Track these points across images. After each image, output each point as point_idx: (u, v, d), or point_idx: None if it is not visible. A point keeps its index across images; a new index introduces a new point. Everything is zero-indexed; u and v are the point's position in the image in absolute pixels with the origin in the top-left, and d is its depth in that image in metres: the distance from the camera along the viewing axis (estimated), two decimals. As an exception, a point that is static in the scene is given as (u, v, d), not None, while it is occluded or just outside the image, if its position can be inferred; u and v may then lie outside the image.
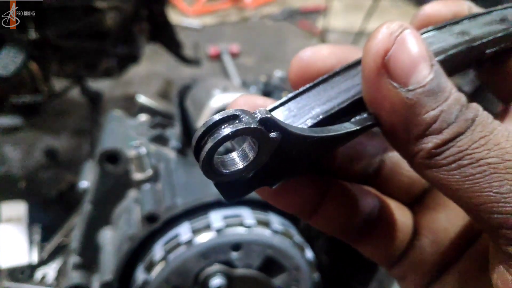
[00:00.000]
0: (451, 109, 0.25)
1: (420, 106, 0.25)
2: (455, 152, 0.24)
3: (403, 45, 0.25)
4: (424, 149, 0.25)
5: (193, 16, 4.17)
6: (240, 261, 0.90)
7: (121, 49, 1.76)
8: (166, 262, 0.88)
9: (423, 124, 0.25)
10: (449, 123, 0.24)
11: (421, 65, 0.25)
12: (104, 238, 1.05)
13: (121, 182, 1.02)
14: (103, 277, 0.96)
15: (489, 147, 0.24)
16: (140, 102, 1.27)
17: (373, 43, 0.26)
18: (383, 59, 0.25)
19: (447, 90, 0.25)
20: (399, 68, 0.25)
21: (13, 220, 1.79)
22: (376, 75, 0.26)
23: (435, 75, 0.25)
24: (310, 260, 0.96)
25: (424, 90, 0.25)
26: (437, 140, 0.24)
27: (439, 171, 0.25)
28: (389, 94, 0.25)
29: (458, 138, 0.24)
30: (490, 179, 0.24)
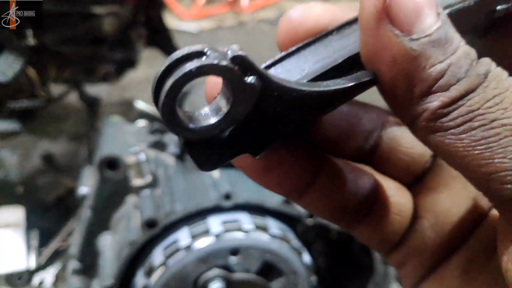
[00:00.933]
0: (461, 63, 0.21)
1: (425, 57, 0.21)
2: (465, 112, 0.21)
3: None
4: (428, 109, 0.22)
5: (190, 21, 4.18)
6: (238, 266, 0.91)
7: (118, 54, 1.77)
8: (165, 267, 0.89)
9: (428, 79, 0.21)
10: (459, 78, 0.21)
11: (427, 11, 0.22)
12: (103, 244, 1.06)
13: (120, 188, 1.03)
14: (103, 282, 0.97)
15: (504, 106, 0.21)
16: (138, 108, 1.28)
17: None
18: (384, 2, 0.22)
19: (455, 41, 0.22)
20: (403, 13, 0.22)
21: (10, 225, 1.79)
22: (376, 21, 0.22)
23: (442, 24, 0.22)
24: (308, 264, 0.98)
25: (430, 39, 0.21)
26: (444, 98, 0.21)
27: (445, 134, 0.22)
28: (390, 43, 0.22)
29: (469, 96, 0.21)
30: (505, 143, 0.20)
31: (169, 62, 0.20)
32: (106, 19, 1.67)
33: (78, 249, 1.12)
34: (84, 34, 1.72)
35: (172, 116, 0.20)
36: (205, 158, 0.23)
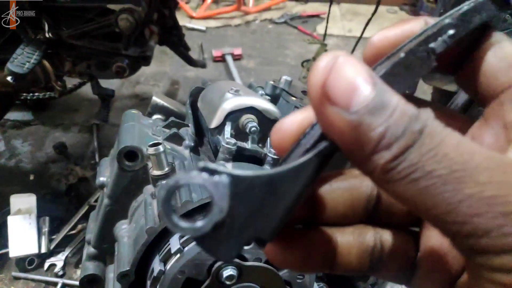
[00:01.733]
0: (398, 123, 0.25)
1: (365, 125, 0.25)
2: (407, 166, 0.24)
3: (339, 72, 0.26)
4: (378, 166, 0.25)
5: (198, 20, 4.24)
6: (250, 254, 0.97)
7: (133, 50, 1.82)
8: (181, 254, 0.94)
9: (372, 141, 0.25)
10: (397, 137, 0.25)
11: (361, 86, 0.25)
12: (120, 231, 1.11)
13: (139, 177, 1.08)
14: (120, 268, 1.01)
15: (437, 159, 0.24)
16: (156, 102, 1.33)
17: (313, 77, 0.27)
18: (322, 89, 0.26)
19: (391, 104, 0.25)
20: (338, 93, 0.26)
21: (23, 212, 1.85)
22: (320, 104, 0.27)
23: (377, 93, 0.25)
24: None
25: (367, 109, 0.25)
26: (387, 155, 0.25)
27: (395, 185, 0.25)
28: (334, 119, 0.26)
29: (407, 151, 0.24)
30: (442, 191, 0.24)
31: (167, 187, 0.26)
32: (122, 16, 1.71)
33: (95, 236, 1.17)
34: (99, 29, 1.77)
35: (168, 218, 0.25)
36: (217, 248, 0.28)
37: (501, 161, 0.25)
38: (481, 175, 0.24)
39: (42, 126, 2.51)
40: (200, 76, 3.05)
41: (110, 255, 1.18)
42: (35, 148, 2.36)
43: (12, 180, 2.14)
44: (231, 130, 1.15)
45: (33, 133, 2.45)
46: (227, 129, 1.15)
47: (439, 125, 0.25)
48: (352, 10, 4.76)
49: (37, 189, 2.02)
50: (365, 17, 2.50)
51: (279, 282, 1.02)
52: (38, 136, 2.43)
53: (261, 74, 3.28)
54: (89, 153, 2.34)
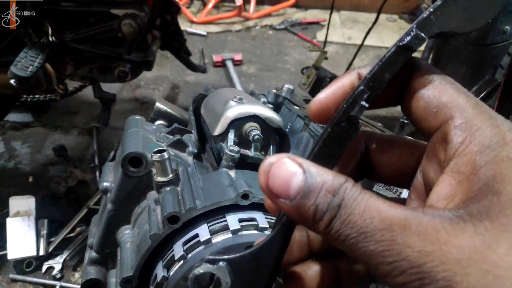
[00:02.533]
0: (323, 201, 0.35)
1: (302, 207, 0.35)
2: (334, 232, 0.35)
3: (274, 174, 0.36)
4: (319, 231, 0.36)
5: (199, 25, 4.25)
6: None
7: (135, 55, 1.82)
8: (185, 261, 0.95)
9: (309, 217, 0.35)
10: (324, 212, 0.34)
11: (293, 179, 0.35)
12: (123, 236, 1.12)
13: (142, 183, 1.09)
14: (123, 273, 1.02)
15: (350, 225, 0.34)
16: (159, 107, 1.34)
17: (259, 179, 0.37)
18: (266, 187, 0.37)
19: (318, 187, 0.35)
20: (277, 190, 0.36)
21: (21, 214, 1.84)
22: (270, 198, 0.37)
23: (306, 180, 0.35)
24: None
25: (300, 195, 0.35)
26: (322, 225, 0.35)
27: (334, 242, 0.35)
28: (282, 206, 0.36)
29: (332, 222, 0.34)
30: (358, 247, 0.34)
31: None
32: (125, 21, 1.72)
33: (97, 240, 1.17)
34: (102, 34, 1.78)
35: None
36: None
37: (390, 222, 0.33)
38: (376, 235, 0.33)
39: (42, 128, 2.51)
40: (200, 80, 3.06)
41: (112, 259, 1.18)
42: (35, 150, 2.35)
43: (11, 181, 2.14)
44: (234, 138, 1.16)
45: (32, 135, 2.45)
46: (230, 136, 1.16)
47: (353, 194, 0.35)
48: (352, 17, 4.80)
49: (36, 191, 2.02)
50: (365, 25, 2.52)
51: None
52: (38, 138, 2.43)
53: (261, 80, 3.29)
54: (88, 156, 2.34)
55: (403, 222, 0.33)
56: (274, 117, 1.18)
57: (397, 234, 0.33)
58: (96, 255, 1.18)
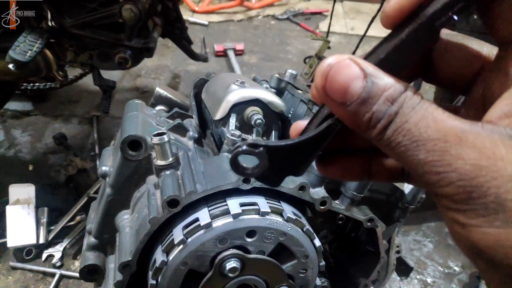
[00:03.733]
0: (381, 108, 0.34)
1: (357, 113, 0.35)
2: (386, 138, 0.34)
3: (333, 77, 0.35)
4: (371, 136, 0.35)
5: (200, 14, 4.21)
6: (254, 247, 0.96)
7: (136, 42, 1.80)
8: (184, 245, 0.93)
9: (363, 123, 0.35)
10: (379, 119, 0.34)
11: (353, 83, 0.34)
12: (122, 221, 1.10)
13: (142, 167, 1.07)
14: (122, 258, 1.00)
15: (403, 133, 0.33)
16: (159, 93, 1.32)
17: (316, 82, 0.36)
18: (323, 90, 0.35)
19: (378, 94, 0.34)
20: (334, 94, 0.35)
21: (21, 202, 1.83)
22: (325, 100, 0.36)
23: (366, 87, 0.34)
24: (318, 249, 1.02)
25: (358, 102, 0.34)
26: (374, 132, 0.35)
27: (383, 148, 0.36)
28: (337, 109, 0.36)
29: (386, 129, 0.34)
30: (407, 155, 0.34)
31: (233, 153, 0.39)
32: (125, 6, 1.70)
33: (96, 226, 1.16)
34: (103, 19, 1.75)
35: (235, 167, 0.39)
36: (269, 181, 0.42)
37: (445, 132, 0.32)
38: (429, 144, 0.32)
39: (42, 117, 2.49)
40: (201, 70, 3.04)
41: (110, 245, 1.16)
42: (35, 138, 2.34)
43: (11, 170, 2.12)
44: (235, 122, 1.14)
45: (33, 123, 2.44)
46: (231, 121, 1.14)
47: (412, 103, 0.34)
48: (355, 8, 4.75)
49: (36, 179, 2.00)
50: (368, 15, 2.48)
51: (281, 276, 1.01)
52: (38, 127, 2.42)
53: (263, 69, 3.27)
54: (89, 144, 2.32)
55: (459, 134, 0.32)
56: (276, 101, 1.16)
57: (450, 146, 0.32)
58: (95, 240, 1.17)
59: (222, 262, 0.94)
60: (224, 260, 0.94)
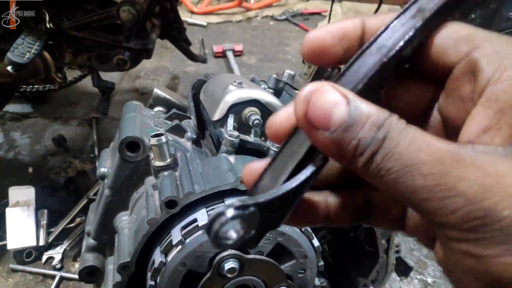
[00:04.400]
0: (368, 134, 0.31)
1: (342, 140, 0.32)
2: (375, 166, 0.31)
3: (315, 103, 0.33)
4: (357, 167, 0.33)
5: (199, 15, 4.22)
6: (252, 247, 0.96)
7: (134, 43, 1.80)
8: (183, 246, 0.93)
9: (350, 151, 0.32)
10: (367, 145, 0.31)
11: (336, 109, 0.32)
12: (120, 223, 1.10)
13: (140, 169, 1.07)
14: (121, 259, 1.00)
15: (395, 158, 0.31)
16: (158, 94, 1.32)
17: (296, 109, 0.34)
18: (305, 117, 0.33)
19: (363, 119, 0.32)
20: (317, 120, 0.32)
21: (21, 204, 1.83)
22: (307, 128, 0.34)
23: (350, 111, 0.32)
24: (317, 249, 1.02)
25: (342, 128, 0.32)
26: (362, 160, 0.32)
27: (372, 178, 0.33)
28: (319, 139, 0.33)
29: (376, 154, 0.31)
30: (400, 182, 0.31)
31: (211, 218, 0.32)
32: (123, 7, 1.69)
33: (95, 227, 1.16)
34: (101, 21, 1.75)
35: (217, 240, 0.33)
36: (251, 243, 0.36)
37: (440, 154, 0.30)
38: (424, 168, 0.30)
39: (41, 119, 2.49)
40: (200, 71, 3.04)
41: (109, 246, 1.16)
42: (34, 140, 2.34)
43: (10, 172, 2.12)
44: (233, 123, 1.14)
45: (32, 125, 2.44)
46: (229, 121, 1.14)
47: (399, 128, 0.32)
48: (354, 8, 4.75)
49: (36, 181, 2.00)
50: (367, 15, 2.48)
51: (280, 276, 1.01)
52: (37, 129, 2.42)
53: (262, 70, 3.27)
54: (88, 146, 2.33)
55: (455, 155, 0.30)
56: (274, 101, 1.16)
57: (449, 167, 0.29)
58: (93, 242, 1.17)
59: (221, 263, 0.94)
60: (222, 261, 0.94)
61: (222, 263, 0.94)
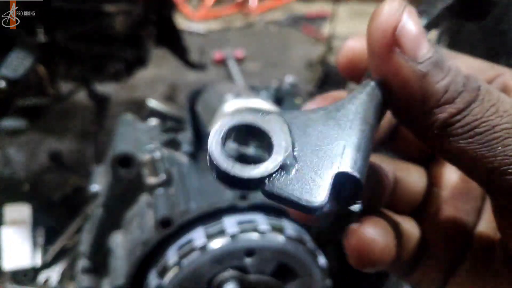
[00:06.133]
0: (458, 79, 0.26)
1: (431, 76, 0.25)
2: (471, 120, 0.25)
3: (408, 22, 0.26)
4: (439, 119, 0.26)
5: (198, 21, 4.18)
6: (253, 267, 0.90)
7: (129, 53, 1.76)
8: (179, 267, 0.88)
9: (436, 94, 0.25)
10: (459, 92, 0.25)
11: (424, 39, 0.26)
12: (115, 242, 1.05)
13: (134, 186, 1.02)
14: (115, 281, 0.96)
15: (500, 114, 0.25)
16: (151, 106, 1.27)
17: (381, 20, 0.26)
18: (393, 35, 0.26)
19: (447, 61, 0.26)
20: (408, 42, 0.26)
21: (17, 223, 1.79)
22: (388, 51, 0.26)
23: (434, 48, 0.26)
24: (323, 267, 0.96)
25: (432, 61, 0.26)
26: (451, 110, 0.25)
27: (456, 140, 0.25)
28: (401, 68, 0.26)
29: (471, 106, 0.25)
30: (506, 143, 0.24)
31: None
32: (117, 18, 1.67)
33: (89, 247, 1.11)
34: (94, 32, 1.72)
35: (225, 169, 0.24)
36: (297, 193, 0.25)
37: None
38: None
39: (37, 134, 2.45)
40: (200, 79, 2.99)
41: (105, 267, 1.11)
42: (30, 156, 2.30)
43: (6, 189, 2.08)
44: (231, 134, 1.09)
45: (28, 141, 2.40)
46: (227, 132, 1.09)
47: (489, 85, 0.26)
48: (358, 10, 4.71)
49: (32, 199, 1.95)
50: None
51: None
52: (33, 145, 2.37)
53: (264, 76, 3.21)
54: (85, 161, 2.28)
55: None
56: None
57: None
58: (89, 262, 1.12)
59: (220, 285, 0.89)
60: (222, 282, 0.89)
61: (221, 285, 0.89)
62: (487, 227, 0.33)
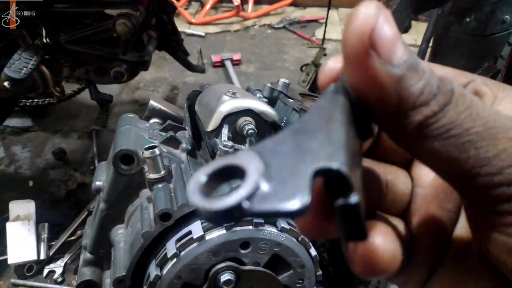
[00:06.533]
0: (432, 81, 0.25)
1: (406, 80, 0.25)
2: (446, 122, 0.25)
3: (385, 25, 0.25)
4: (415, 121, 0.26)
5: (196, 26, 4.24)
6: (248, 258, 0.95)
7: (131, 55, 1.81)
8: (178, 259, 0.93)
9: (411, 97, 0.25)
10: (434, 94, 0.25)
11: (399, 42, 0.25)
12: (116, 236, 1.10)
13: (135, 181, 1.07)
14: (116, 273, 1.00)
15: (473, 117, 0.25)
16: (153, 105, 1.32)
17: (357, 24, 0.25)
18: (369, 38, 0.25)
19: (421, 64, 0.26)
20: (384, 46, 0.25)
21: (21, 219, 1.83)
22: (363, 54, 0.25)
23: (409, 52, 0.26)
24: (315, 258, 1.01)
25: (407, 64, 0.25)
26: (426, 111, 0.25)
27: (431, 141, 0.26)
28: (377, 72, 0.25)
29: (445, 109, 0.25)
30: (479, 146, 0.25)
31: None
32: (119, 21, 1.70)
33: (91, 241, 1.16)
34: (97, 34, 1.76)
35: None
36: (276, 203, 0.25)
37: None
38: (510, 131, 0.25)
39: (41, 132, 2.50)
40: (199, 81, 3.04)
41: (107, 260, 1.16)
42: (35, 154, 2.35)
43: (11, 186, 2.13)
44: (228, 133, 1.14)
45: (32, 139, 2.45)
46: (224, 131, 1.14)
47: (461, 87, 0.26)
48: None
49: (36, 195, 2.00)
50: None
51: (278, 287, 1.00)
52: (38, 142, 2.43)
53: (260, 79, 3.27)
54: (88, 158, 2.33)
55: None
56: (268, 111, 1.16)
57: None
58: (91, 256, 1.17)
59: (217, 275, 0.94)
60: (218, 273, 0.94)
61: (218, 275, 0.94)
62: (465, 226, 0.34)
